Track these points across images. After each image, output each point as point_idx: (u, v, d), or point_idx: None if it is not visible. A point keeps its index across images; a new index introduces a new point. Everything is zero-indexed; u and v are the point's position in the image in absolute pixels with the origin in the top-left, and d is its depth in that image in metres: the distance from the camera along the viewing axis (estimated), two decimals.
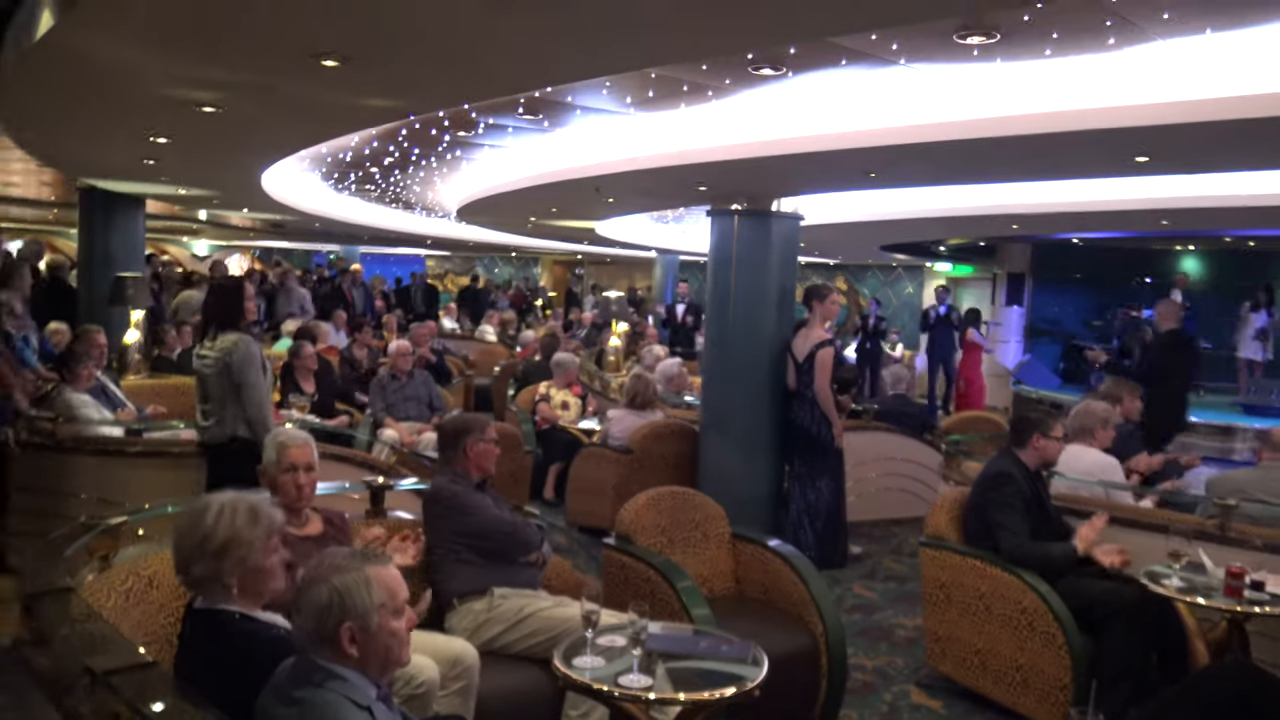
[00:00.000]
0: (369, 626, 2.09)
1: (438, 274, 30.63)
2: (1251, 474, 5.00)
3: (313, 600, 2.09)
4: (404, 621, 2.17)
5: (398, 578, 2.19)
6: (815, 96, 4.99)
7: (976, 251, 16.16)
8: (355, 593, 2.09)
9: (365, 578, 2.12)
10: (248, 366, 4.75)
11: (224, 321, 4.88)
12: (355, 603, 2.08)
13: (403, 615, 2.16)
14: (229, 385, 4.75)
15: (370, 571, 2.13)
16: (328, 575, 2.11)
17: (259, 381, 4.78)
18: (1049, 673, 4.22)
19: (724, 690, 2.93)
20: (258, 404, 4.76)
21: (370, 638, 2.09)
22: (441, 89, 4.61)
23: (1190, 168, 5.68)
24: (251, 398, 4.75)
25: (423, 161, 8.24)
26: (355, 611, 2.08)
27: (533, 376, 9.36)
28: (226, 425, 4.79)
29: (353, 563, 2.14)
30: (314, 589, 2.10)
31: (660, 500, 4.55)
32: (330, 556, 2.17)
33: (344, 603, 2.08)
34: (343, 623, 2.07)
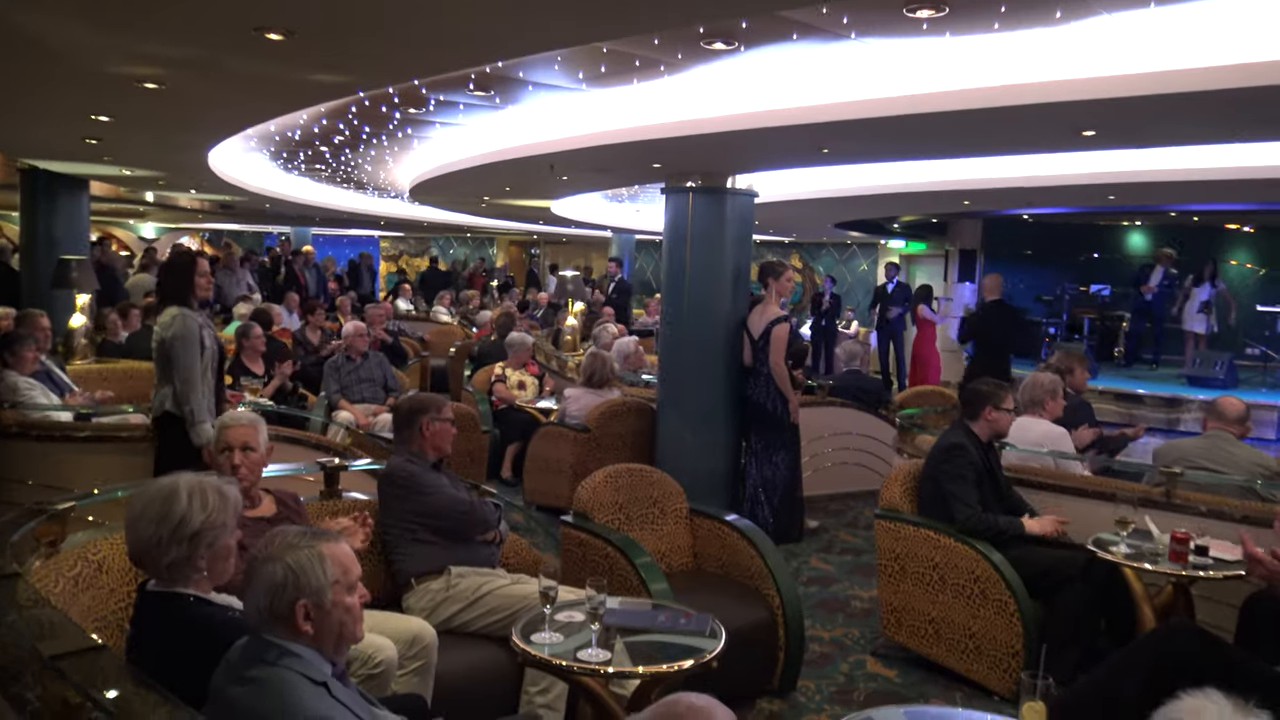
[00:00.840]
0: (323, 603, 2.08)
1: (392, 255, 30.32)
2: (1197, 443, 5.11)
3: (266, 578, 2.07)
4: (357, 598, 2.15)
5: (350, 554, 2.18)
6: (768, 71, 4.98)
7: (929, 228, 16.30)
8: (309, 570, 2.07)
9: (318, 554, 2.10)
10: (179, 342, 4.66)
11: (174, 297, 4.80)
12: (309, 580, 2.07)
13: (356, 591, 2.15)
14: (165, 359, 4.69)
15: (323, 548, 2.12)
16: (281, 553, 2.09)
17: (190, 360, 4.68)
18: (1001, 639, 4.30)
19: (682, 663, 2.95)
20: (183, 380, 4.67)
21: (324, 614, 2.08)
22: (390, 64, 4.54)
23: (1135, 141, 5.76)
24: (179, 373, 4.67)
25: (374, 140, 8.13)
26: (309, 588, 2.07)
27: (489, 357, 9.32)
28: (161, 400, 4.73)
29: (305, 540, 2.13)
30: (267, 567, 2.08)
31: (618, 477, 4.56)
32: (281, 534, 2.15)
33: (298, 580, 2.06)
34: (297, 600, 2.06)
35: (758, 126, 5.28)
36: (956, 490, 4.50)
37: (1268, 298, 14.63)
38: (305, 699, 1.96)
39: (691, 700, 1.47)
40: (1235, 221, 15.26)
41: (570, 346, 11.55)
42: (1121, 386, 12.31)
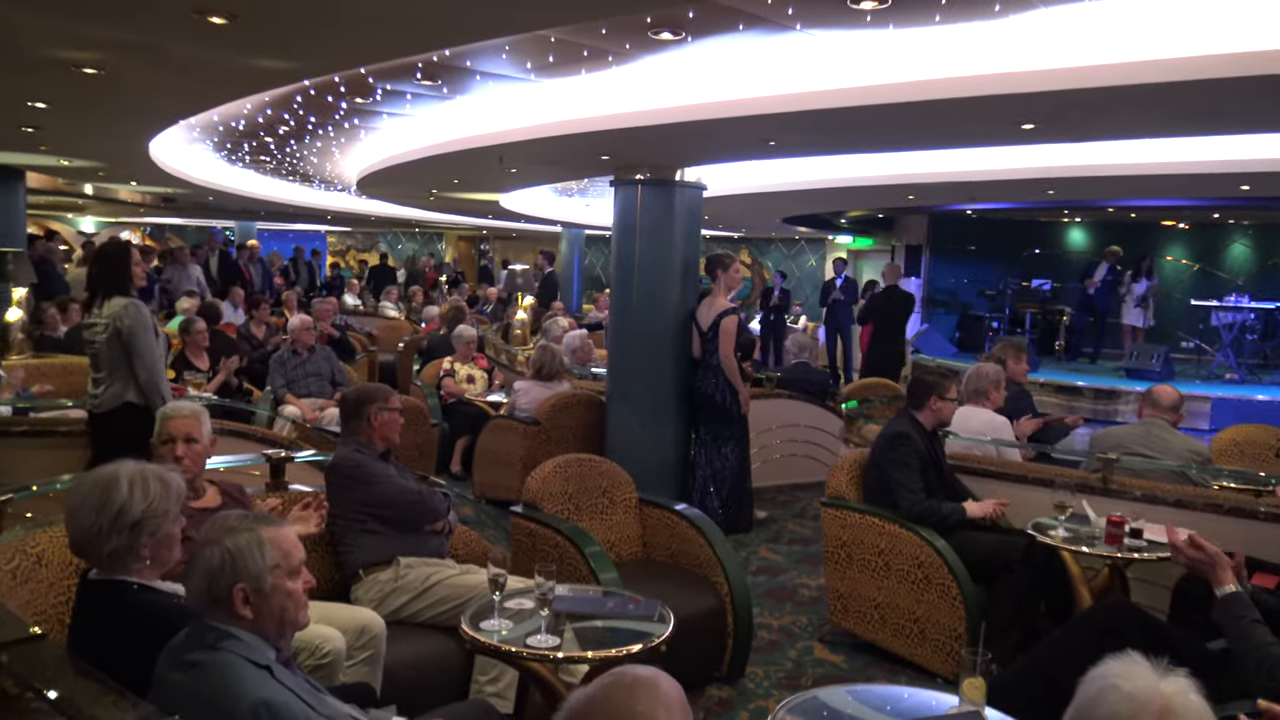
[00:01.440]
0: (262, 587, 2.07)
1: (339, 250, 29.97)
2: (1133, 429, 5.23)
3: (204, 562, 2.05)
4: (300, 583, 2.14)
5: (292, 538, 2.17)
6: (715, 63, 5.02)
7: (876, 224, 16.51)
8: (248, 554, 2.06)
9: (258, 539, 2.09)
10: (139, 330, 4.60)
11: (111, 287, 4.71)
12: (247, 564, 2.06)
13: (299, 576, 2.14)
14: (119, 351, 4.60)
15: (263, 532, 2.10)
16: (219, 537, 2.07)
17: (151, 346, 4.63)
18: (945, 623, 4.38)
19: (631, 647, 2.97)
20: (148, 368, 4.61)
21: (264, 599, 2.07)
22: (336, 50, 4.49)
23: (1075, 135, 5.88)
24: (142, 362, 4.60)
25: (320, 131, 8.04)
26: (248, 573, 2.05)
27: (437, 351, 9.26)
28: (118, 392, 4.64)
29: (245, 524, 2.11)
30: (206, 551, 2.06)
31: (567, 468, 4.57)
32: (222, 519, 2.14)
33: (235, 564, 2.05)
34: (235, 584, 2.04)
35: (705, 118, 5.31)
36: (901, 478, 4.58)
37: (1201, 292, 15.03)
38: (247, 681, 1.95)
39: (637, 672, 1.49)
40: (1171, 218, 15.66)
41: (520, 340, 11.53)
42: (1062, 379, 12.56)
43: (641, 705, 1.43)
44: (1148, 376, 12.32)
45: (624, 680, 1.46)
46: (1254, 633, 2.82)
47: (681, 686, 1.53)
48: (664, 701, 1.45)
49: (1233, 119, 4.97)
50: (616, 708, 1.43)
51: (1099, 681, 1.42)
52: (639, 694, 1.45)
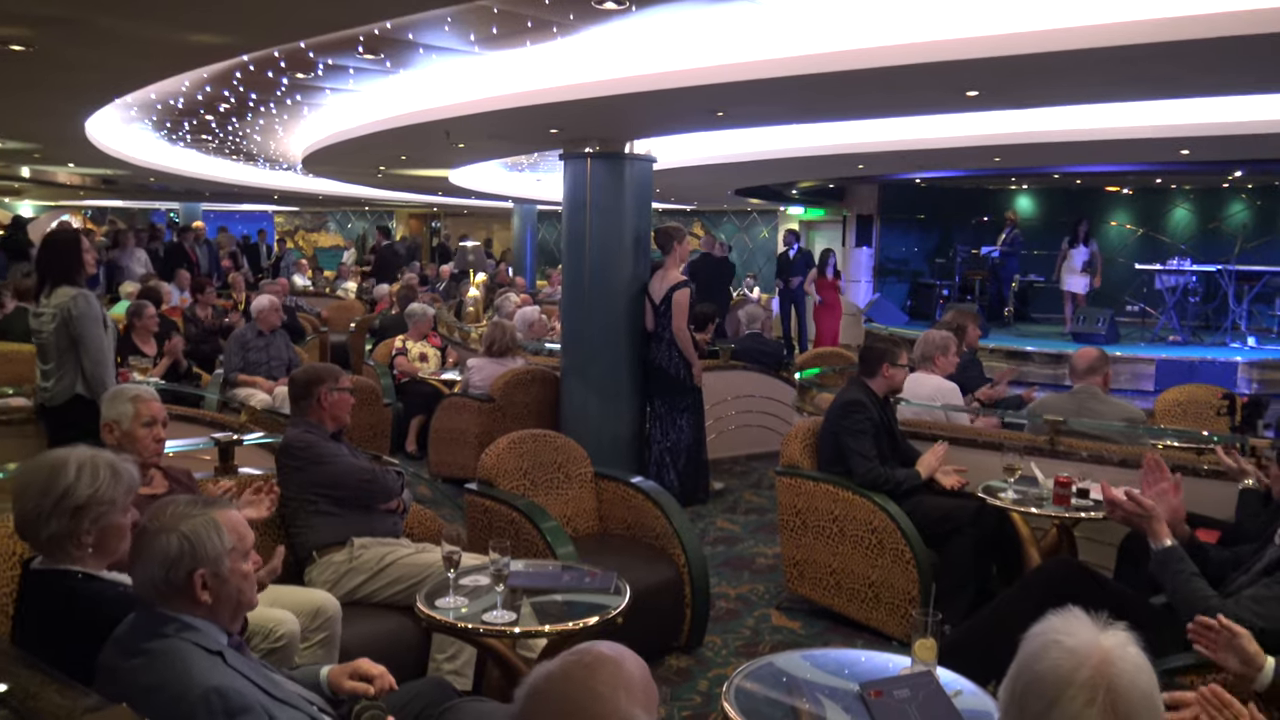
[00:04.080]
0: (221, 571, 2.03)
1: (287, 230, 29.52)
2: (1066, 400, 5.27)
3: (160, 550, 2.01)
4: (251, 564, 2.12)
5: (242, 520, 2.14)
6: (661, 33, 4.98)
7: (827, 194, 16.58)
8: (205, 538, 2.03)
9: (213, 522, 2.05)
10: (87, 321, 4.49)
11: (60, 276, 4.59)
12: (206, 549, 2.02)
13: (249, 558, 2.11)
14: (68, 342, 4.50)
15: (216, 515, 2.07)
16: (174, 524, 2.03)
17: (99, 337, 4.53)
18: (899, 587, 4.44)
19: (588, 620, 2.98)
20: (95, 360, 4.51)
21: (222, 582, 2.04)
22: (272, 23, 4.39)
23: (1018, 102, 5.93)
24: (89, 354, 4.50)
25: (262, 108, 7.89)
26: (207, 557, 2.02)
27: (389, 330, 9.18)
28: (69, 384, 4.54)
29: (196, 509, 2.07)
30: (160, 539, 2.02)
31: (522, 443, 4.55)
32: (170, 505, 2.09)
33: (195, 549, 2.01)
34: (195, 570, 2.01)
35: (652, 89, 5.28)
36: (855, 445, 4.62)
37: (1145, 256, 15.31)
38: (198, 668, 1.92)
39: (601, 649, 1.48)
40: (1114, 184, 15.91)
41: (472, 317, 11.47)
42: (1010, 344, 12.75)
43: (601, 684, 1.41)
44: (1093, 340, 12.54)
45: (585, 658, 1.45)
46: (1192, 586, 2.89)
47: (646, 664, 1.52)
48: (624, 681, 1.43)
49: (1174, 84, 5.03)
50: (575, 686, 1.42)
51: (1040, 637, 1.45)
52: (599, 672, 1.43)
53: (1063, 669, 1.39)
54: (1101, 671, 1.37)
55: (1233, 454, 4.12)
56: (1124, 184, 15.90)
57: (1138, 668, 1.39)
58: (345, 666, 2.48)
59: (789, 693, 2.47)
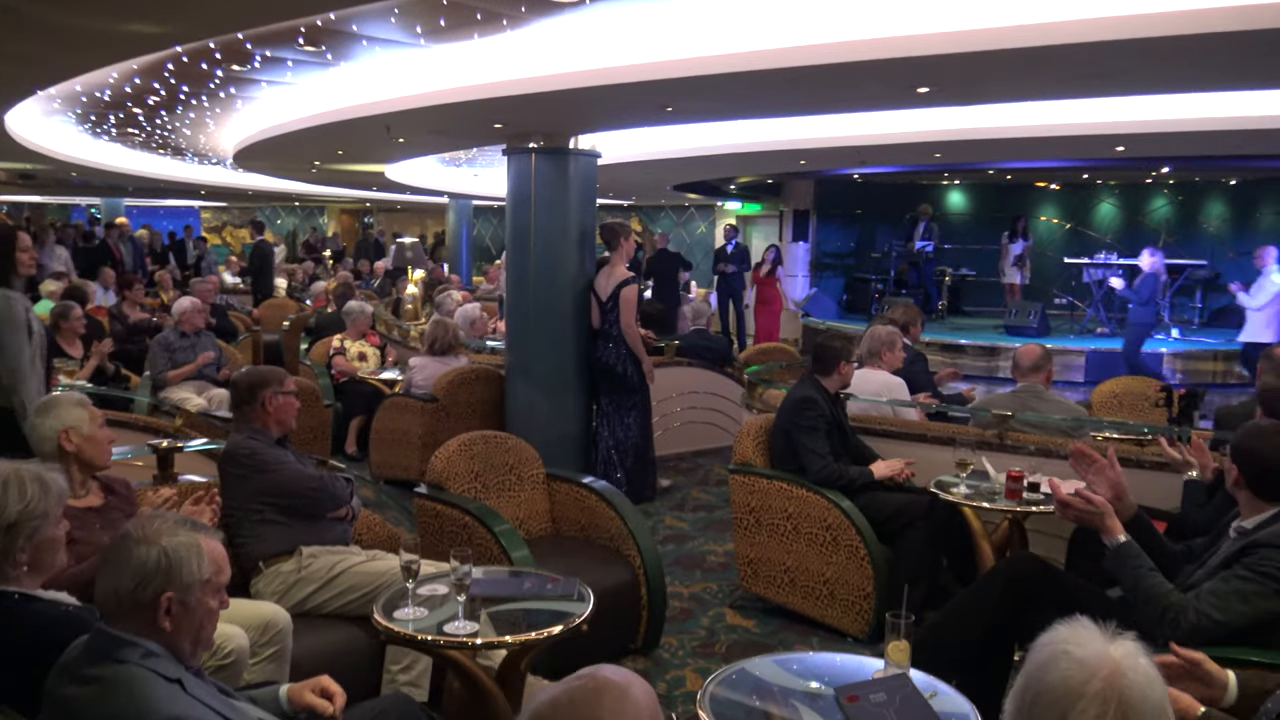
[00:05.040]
0: (189, 600, 1.92)
1: (214, 226, 28.80)
2: (1010, 398, 5.34)
3: (137, 560, 1.89)
4: (219, 602, 2.01)
5: (225, 555, 2.04)
6: (613, 27, 4.92)
7: (764, 189, 16.67)
8: (186, 560, 1.92)
9: (197, 547, 1.95)
10: (5, 327, 4.26)
11: None
12: (182, 572, 1.91)
13: (220, 595, 2.00)
14: None
15: (201, 541, 1.96)
16: (157, 537, 1.92)
17: (19, 344, 4.29)
18: (853, 583, 4.45)
19: (551, 629, 2.91)
20: (9, 369, 4.27)
21: (188, 612, 1.93)
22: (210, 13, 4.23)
23: (970, 98, 5.99)
24: (5, 362, 4.27)
25: (193, 101, 7.64)
26: (181, 581, 1.91)
27: (326, 329, 8.98)
28: None
29: (183, 529, 1.96)
30: (140, 549, 1.90)
31: (472, 445, 4.46)
32: (158, 518, 1.99)
33: (172, 569, 1.90)
34: (164, 591, 1.89)
35: (602, 84, 5.21)
36: (809, 442, 4.61)
37: (1073, 250, 15.66)
38: (158, 698, 1.81)
39: (607, 674, 1.42)
40: (1043, 179, 16.24)
41: (411, 315, 11.28)
42: (945, 338, 12.94)
43: (607, 711, 1.36)
44: (1025, 333, 12.79)
45: (591, 683, 1.39)
46: (1150, 581, 2.92)
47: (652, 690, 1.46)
48: (631, 710, 1.38)
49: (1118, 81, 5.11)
50: (579, 712, 1.36)
51: (1049, 647, 1.43)
52: (604, 699, 1.37)
53: (1073, 681, 1.36)
54: (1112, 683, 1.35)
55: (1177, 446, 4.20)
56: (1053, 179, 16.24)
57: (1149, 679, 1.37)
58: (306, 683, 2.39)
59: (764, 699, 2.44)
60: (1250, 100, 6.65)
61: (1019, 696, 1.44)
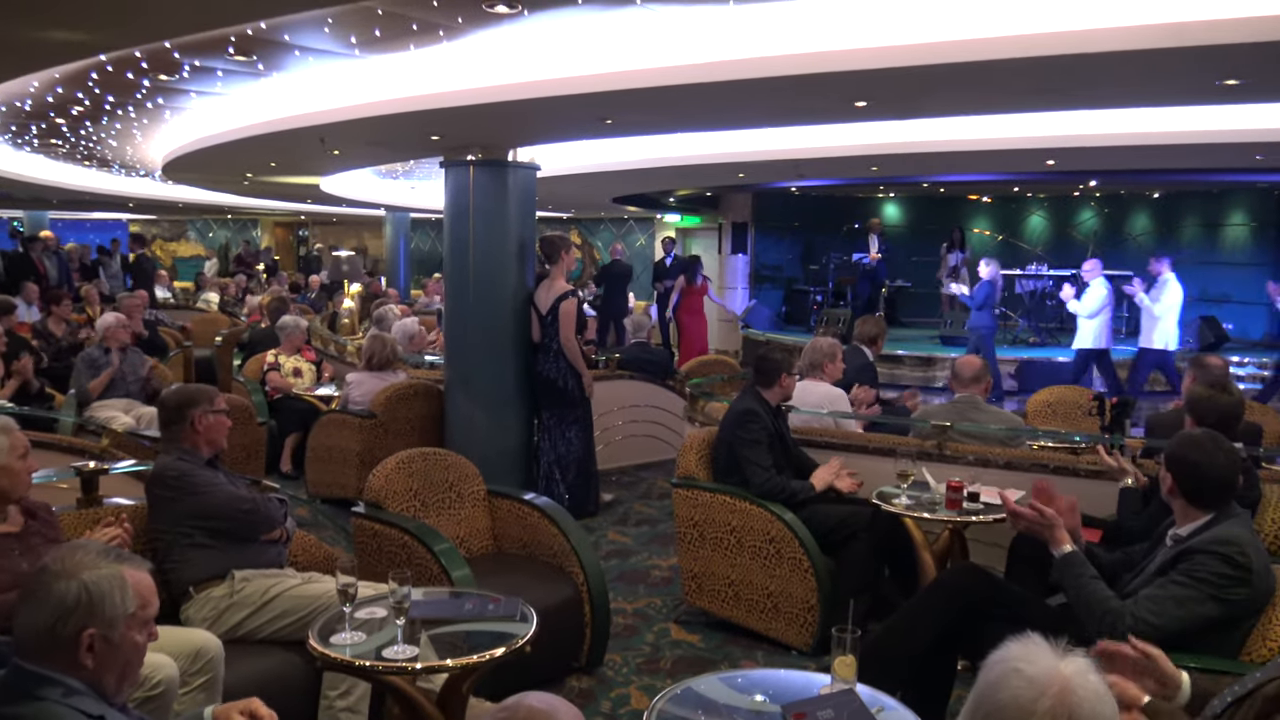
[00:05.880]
0: (112, 636, 1.83)
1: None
2: (948, 408, 5.41)
3: (58, 596, 1.80)
4: (147, 635, 1.91)
5: (152, 587, 1.94)
6: (552, 39, 4.88)
7: (703, 202, 16.74)
8: (107, 595, 1.82)
9: (119, 580, 1.85)
10: None
11: None
12: (104, 607, 1.81)
13: (148, 629, 1.91)
14: None
15: (125, 573, 1.87)
16: (77, 570, 1.82)
17: None
18: (797, 596, 4.45)
19: (494, 651, 2.85)
20: None
21: (111, 649, 1.83)
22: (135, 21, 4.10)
23: (903, 113, 6.06)
24: None
25: (119, 111, 7.43)
26: (103, 617, 1.81)
27: (260, 344, 8.79)
28: None
29: (105, 561, 1.86)
30: (60, 584, 1.80)
31: (411, 462, 4.37)
32: (80, 549, 1.88)
33: (93, 605, 1.80)
34: (85, 628, 1.80)
35: (540, 95, 5.17)
36: (752, 455, 4.61)
37: (1005, 262, 15.95)
38: None
39: (532, 703, 1.37)
40: (976, 192, 16.56)
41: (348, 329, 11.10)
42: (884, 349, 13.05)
43: None
44: (960, 343, 12.99)
45: (519, 715, 1.34)
46: (1092, 588, 2.97)
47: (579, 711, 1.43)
48: None
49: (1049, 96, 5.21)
50: None
51: (1000, 665, 1.42)
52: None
53: (1023, 699, 1.35)
54: (1063, 700, 1.35)
55: (1114, 454, 4.27)
56: (985, 192, 16.56)
57: (1098, 696, 1.37)
58: (234, 704, 2.30)
59: (711, 718, 2.40)
60: (1172, 116, 6.83)
61: (970, 715, 1.42)
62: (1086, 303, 10.35)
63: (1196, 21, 3.70)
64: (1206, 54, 3.88)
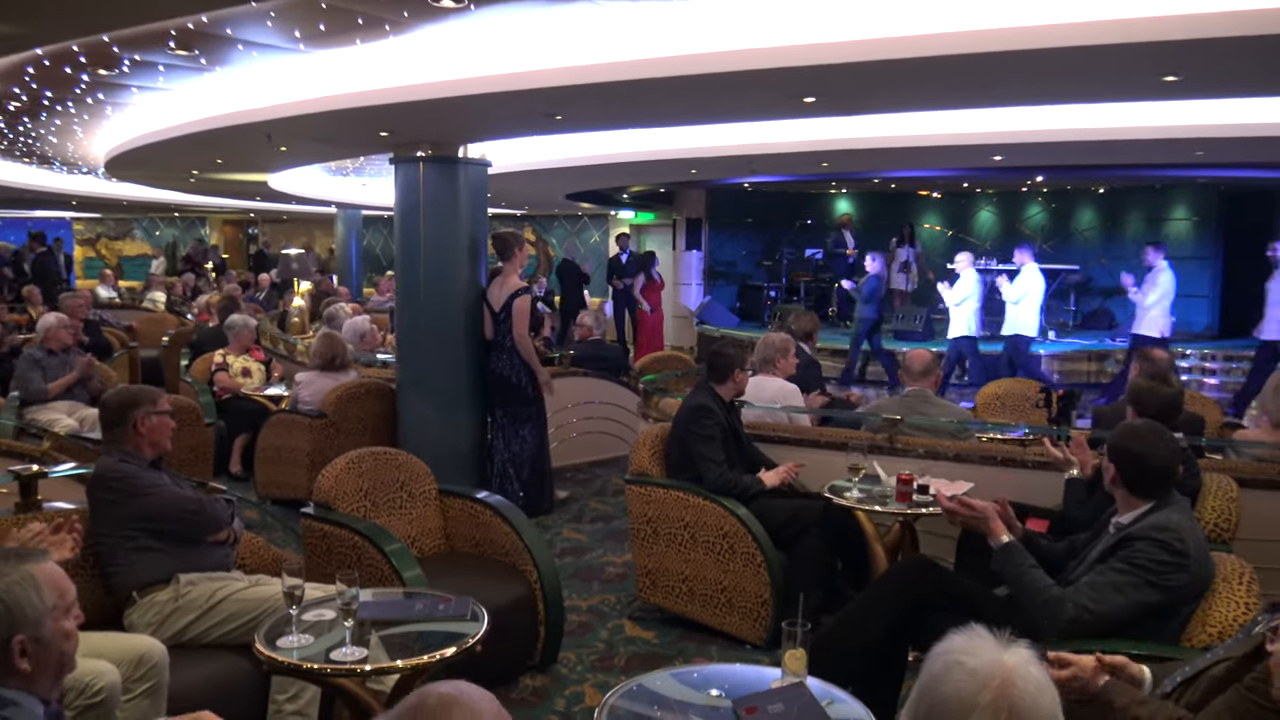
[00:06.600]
0: (42, 635, 1.79)
1: (88, 238, 27.54)
2: (899, 402, 5.47)
3: None
4: (74, 619, 1.88)
5: (61, 572, 1.90)
6: (500, 34, 4.85)
7: (657, 198, 16.75)
8: (24, 599, 1.77)
9: (30, 579, 1.80)
10: None
11: None
12: (25, 611, 1.77)
13: (71, 613, 1.87)
14: None
15: (33, 570, 1.82)
16: None
17: None
18: (750, 590, 4.46)
19: (444, 651, 2.83)
20: None
21: (44, 648, 1.79)
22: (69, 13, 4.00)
23: (852, 109, 6.09)
24: None
25: (58, 107, 7.26)
26: (27, 621, 1.77)
27: (208, 344, 8.63)
28: None
29: (8, 565, 1.82)
30: None
31: (361, 462, 4.32)
32: None
33: (12, 613, 1.76)
34: (13, 636, 1.76)
35: (489, 91, 5.13)
36: (705, 451, 4.62)
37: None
38: None
39: (441, 691, 1.36)
40: (925, 188, 16.72)
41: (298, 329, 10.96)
42: (836, 343, 13.17)
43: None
44: (911, 336, 13.13)
45: (428, 703, 1.32)
46: (1031, 577, 3.02)
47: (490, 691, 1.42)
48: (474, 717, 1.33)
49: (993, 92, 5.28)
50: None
51: (943, 658, 1.43)
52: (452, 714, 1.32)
53: (965, 692, 1.37)
54: (1004, 693, 1.36)
55: (1059, 445, 4.34)
56: (935, 188, 16.73)
57: (1039, 688, 1.38)
58: (184, 718, 2.26)
59: (663, 712, 2.40)
60: (1115, 112, 6.95)
61: (914, 708, 1.43)
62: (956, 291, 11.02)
63: (1138, 18, 3.77)
64: (1148, 50, 3.94)
